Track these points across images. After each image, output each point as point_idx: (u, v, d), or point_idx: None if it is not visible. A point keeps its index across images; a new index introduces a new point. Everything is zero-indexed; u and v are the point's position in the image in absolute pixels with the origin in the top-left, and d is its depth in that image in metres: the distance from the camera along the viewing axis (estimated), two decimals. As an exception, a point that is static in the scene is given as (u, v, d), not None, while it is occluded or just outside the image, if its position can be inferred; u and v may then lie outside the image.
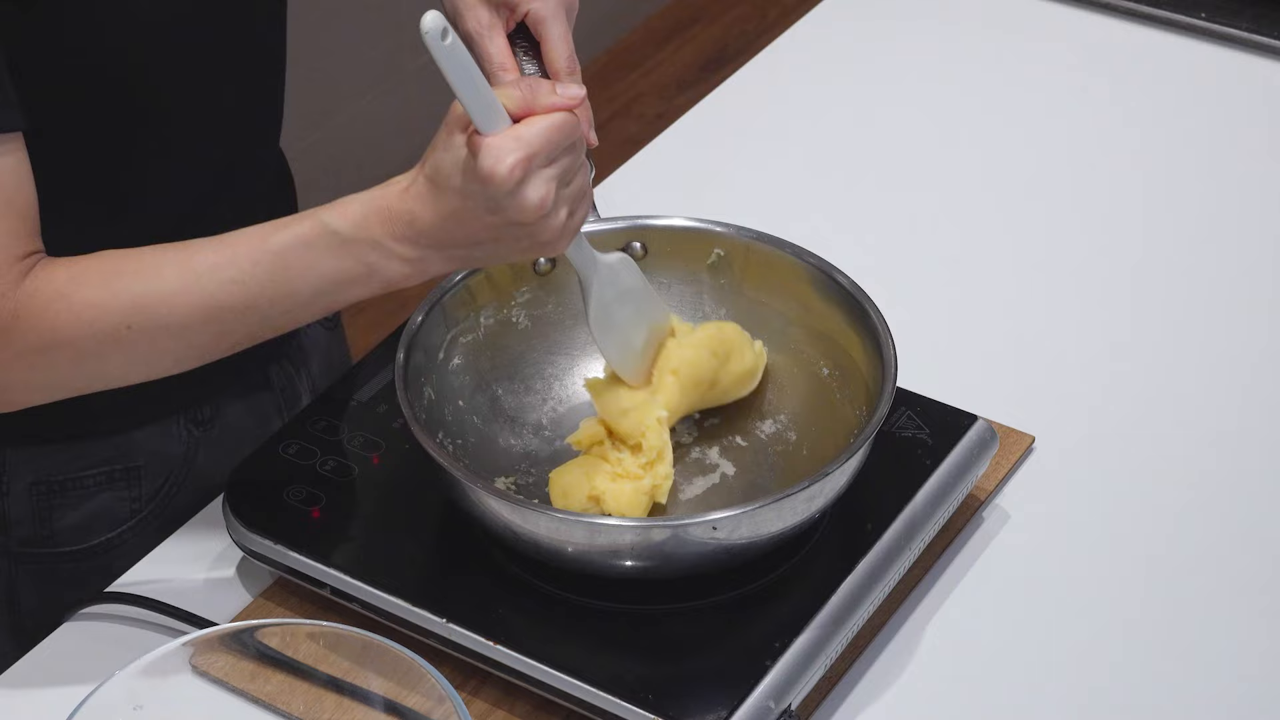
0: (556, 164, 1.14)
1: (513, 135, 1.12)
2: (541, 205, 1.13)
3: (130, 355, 1.19)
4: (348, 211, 1.16)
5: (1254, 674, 1.26)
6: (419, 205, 1.15)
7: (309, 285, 1.17)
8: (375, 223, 1.15)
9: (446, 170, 1.14)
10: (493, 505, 1.20)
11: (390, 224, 1.15)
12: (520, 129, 1.13)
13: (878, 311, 1.30)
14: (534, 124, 1.13)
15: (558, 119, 1.14)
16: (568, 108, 1.14)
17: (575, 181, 1.16)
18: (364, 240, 1.16)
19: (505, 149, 1.11)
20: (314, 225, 1.16)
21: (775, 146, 1.75)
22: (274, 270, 1.16)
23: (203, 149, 1.34)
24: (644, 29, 3.66)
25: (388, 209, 1.16)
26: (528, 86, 1.14)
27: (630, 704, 1.16)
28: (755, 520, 1.19)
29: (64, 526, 1.39)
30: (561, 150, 1.14)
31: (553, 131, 1.13)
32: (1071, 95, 1.80)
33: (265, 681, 1.19)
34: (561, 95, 1.14)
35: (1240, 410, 1.45)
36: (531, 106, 1.14)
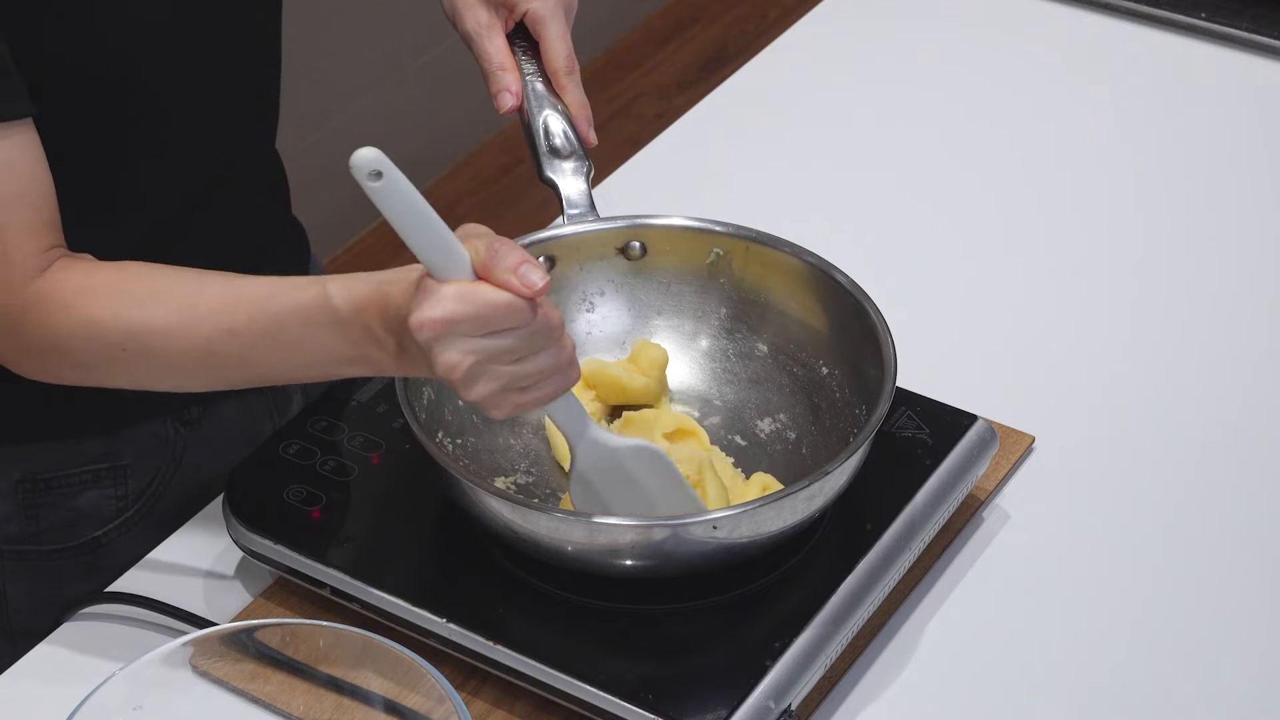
0: (487, 339, 1.08)
1: (451, 293, 1.07)
2: (451, 370, 1.08)
3: (129, 372, 1.20)
4: (352, 290, 1.13)
5: (1254, 674, 1.26)
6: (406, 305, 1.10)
7: (301, 355, 1.16)
8: (374, 311, 1.12)
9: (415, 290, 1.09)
10: (493, 505, 1.21)
11: (383, 316, 1.12)
12: (462, 289, 1.07)
13: (877, 311, 1.30)
14: (478, 293, 1.07)
15: (503, 299, 1.07)
16: (518, 292, 1.07)
17: (525, 363, 1.10)
18: (358, 325, 1.13)
19: (433, 303, 1.07)
20: (316, 297, 1.14)
21: (775, 146, 1.75)
22: (269, 333, 1.16)
23: (196, 148, 1.34)
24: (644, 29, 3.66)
25: (385, 299, 1.12)
26: (493, 251, 1.08)
27: (630, 704, 1.16)
28: (756, 519, 1.19)
29: (50, 524, 1.39)
30: (498, 329, 1.08)
31: (489, 308, 1.07)
32: (1071, 95, 1.80)
33: (265, 681, 1.19)
34: (519, 278, 1.07)
35: (1240, 410, 1.45)
36: (486, 273, 1.08)
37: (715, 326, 1.39)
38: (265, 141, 1.44)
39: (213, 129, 1.34)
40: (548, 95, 1.38)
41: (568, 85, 1.37)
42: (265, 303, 1.16)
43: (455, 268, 1.08)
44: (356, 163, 1.04)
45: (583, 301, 1.39)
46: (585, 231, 1.37)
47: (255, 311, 1.16)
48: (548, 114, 1.37)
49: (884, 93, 1.81)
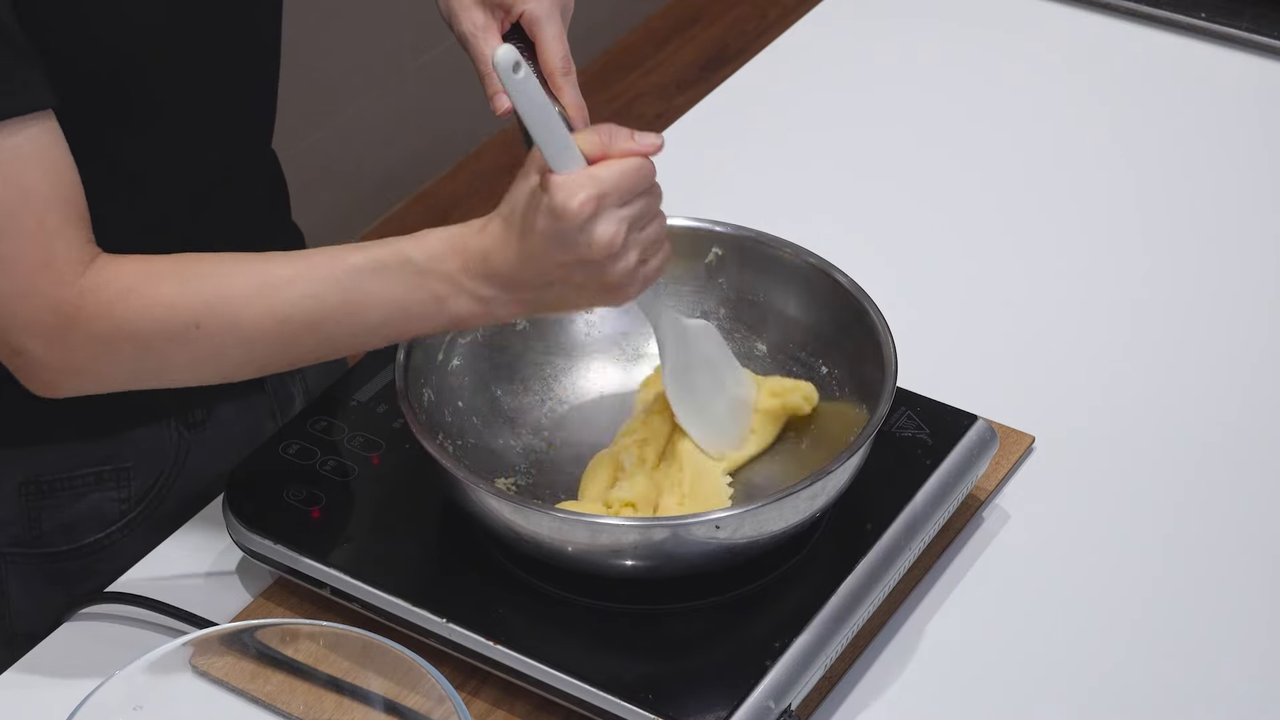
0: (629, 205, 1.15)
1: (586, 173, 1.14)
2: (611, 243, 1.14)
3: (194, 356, 1.20)
4: (426, 243, 1.18)
5: (1255, 673, 1.26)
6: (493, 244, 1.16)
7: (379, 310, 1.18)
8: (451, 257, 1.17)
9: (520, 209, 1.15)
10: (494, 505, 1.21)
11: (465, 260, 1.17)
12: (594, 169, 1.14)
13: (877, 310, 1.30)
14: (608, 165, 1.14)
15: (632, 163, 1.15)
16: (644, 153, 1.16)
17: (650, 228, 1.17)
18: (438, 273, 1.17)
19: (577, 184, 1.13)
20: (391, 252, 1.18)
21: (775, 146, 1.75)
22: (347, 289, 1.18)
23: (196, 148, 1.34)
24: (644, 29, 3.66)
25: (464, 245, 1.17)
26: (605, 132, 1.16)
27: (630, 704, 1.16)
28: (757, 519, 1.19)
29: (53, 526, 1.38)
30: (636, 195, 1.15)
31: (627, 173, 1.14)
32: (1071, 95, 1.80)
33: (265, 681, 1.19)
34: (639, 142, 1.16)
35: (1240, 410, 1.45)
36: (607, 150, 1.15)
37: (715, 326, 1.39)
38: (263, 143, 1.44)
39: (210, 129, 1.34)
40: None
41: (564, 86, 1.37)
42: (340, 262, 1.18)
43: (574, 159, 1.14)
44: (501, 58, 1.10)
45: (582, 301, 1.39)
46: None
47: (331, 271, 1.18)
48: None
49: (884, 93, 1.81)
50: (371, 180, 3.11)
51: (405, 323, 1.19)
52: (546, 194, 1.14)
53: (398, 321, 1.19)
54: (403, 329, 1.20)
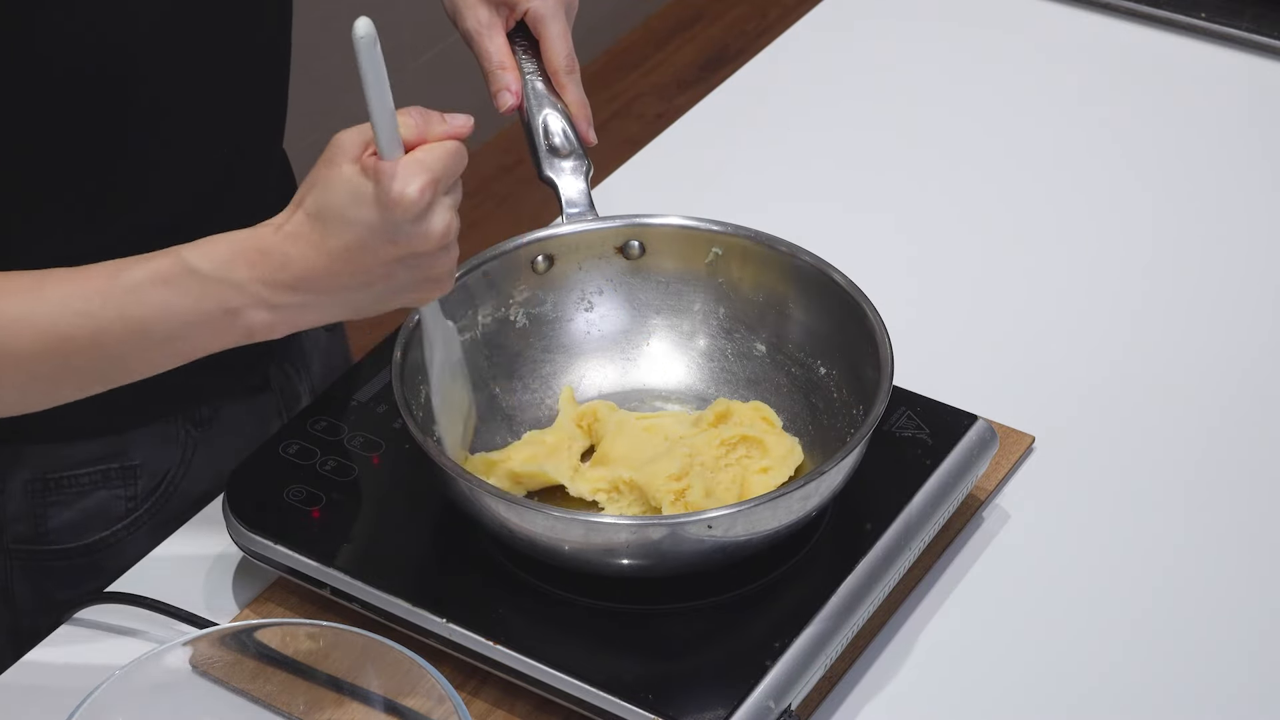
0: (453, 194, 1.10)
1: (415, 159, 1.08)
2: (445, 233, 1.09)
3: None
4: (213, 250, 1.09)
5: (1255, 673, 1.26)
6: (297, 246, 1.08)
7: (161, 327, 1.10)
8: (243, 264, 1.08)
9: (338, 203, 1.08)
10: (489, 504, 1.21)
11: (260, 266, 1.08)
12: (420, 154, 1.08)
13: (875, 311, 1.30)
14: (432, 150, 1.09)
15: (453, 146, 1.10)
16: (458, 135, 1.10)
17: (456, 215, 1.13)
18: (226, 282, 1.08)
19: (411, 172, 1.07)
20: (173, 262, 1.09)
21: (775, 146, 1.75)
22: (124, 306, 1.09)
23: (203, 149, 1.34)
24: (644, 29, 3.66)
25: (259, 249, 1.08)
26: (419, 115, 1.10)
27: (630, 704, 1.16)
28: (751, 519, 1.19)
29: (59, 524, 1.38)
30: (455, 178, 1.11)
31: (450, 158, 1.09)
32: (1071, 95, 1.80)
33: (265, 681, 1.19)
34: (451, 125, 1.10)
35: (1241, 410, 1.45)
36: (424, 135, 1.10)
37: (714, 326, 1.39)
38: (273, 142, 1.44)
39: (219, 128, 1.34)
40: (547, 94, 1.38)
41: (568, 84, 1.37)
42: (116, 276, 1.10)
43: (397, 146, 1.08)
44: (363, 30, 1.07)
45: (581, 300, 1.39)
46: (584, 231, 1.37)
47: (107, 287, 1.09)
48: (547, 113, 1.37)
49: (884, 93, 1.81)
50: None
51: (193, 338, 1.11)
52: (376, 182, 1.07)
53: (185, 336, 1.10)
54: (191, 345, 1.11)
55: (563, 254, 1.37)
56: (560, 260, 1.37)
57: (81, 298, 1.10)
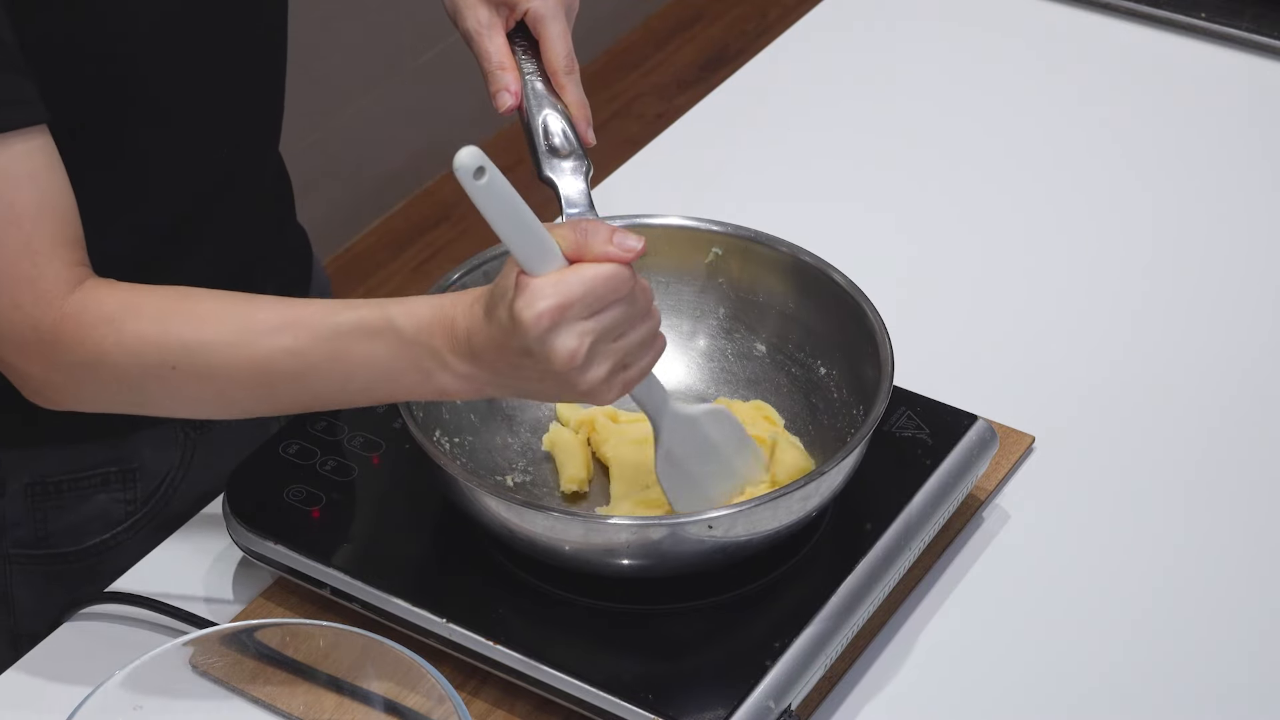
0: (597, 317, 1.09)
1: (552, 281, 1.08)
2: (571, 358, 1.08)
3: (172, 394, 1.17)
4: (415, 312, 1.14)
5: (1256, 674, 1.26)
6: (475, 327, 1.12)
7: (363, 374, 1.15)
8: (438, 332, 1.13)
9: (495, 300, 1.10)
10: (489, 504, 1.21)
11: (450, 337, 1.13)
12: (564, 274, 1.08)
13: (875, 311, 1.30)
14: (579, 272, 1.08)
15: (605, 270, 1.09)
16: (620, 260, 1.09)
17: (629, 336, 1.12)
18: (424, 346, 1.13)
19: (540, 294, 1.07)
20: (380, 317, 1.14)
21: (775, 146, 1.75)
22: (332, 348, 1.14)
23: (201, 149, 1.34)
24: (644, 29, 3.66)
25: (451, 321, 1.13)
26: (583, 230, 1.09)
27: (630, 704, 1.16)
28: (751, 519, 1.19)
29: (59, 528, 1.38)
30: (606, 304, 1.09)
31: (597, 283, 1.09)
32: (1071, 95, 1.80)
33: (265, 681, 1.19)
34: (617, 245, 1.09)
35: (1241, 410, 1.45)
36: (582, 253, 1.09)
37: (714, 326, 1.39)
38: (270, 143, 1.44)
39: (217, 130, 1.34)
40: (547, 94, 1.38)
41: (567, 85, 1.37)
42: (326, 319, 1.15)
43: (550, 259, 1.09)
44: (462, 162, 1.05)
45: (582, 301, 1.39)
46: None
47: (316, 327, 1.15)
48: (547, 113, 1.37)
49: (884, 93, 1.81)
50: (371, 180, 3.11)
51: (390, 388, 1.16)
52: (512, 294, 1.08)
53: (382, 386, 1.16)
54: (388, 393, 1.16)
55: (562, 254, 1.37)
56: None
57: (292, 334, 1.15)
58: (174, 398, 1.18)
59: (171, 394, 1.18)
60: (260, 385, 1.16)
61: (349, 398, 1.18)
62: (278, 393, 1.17)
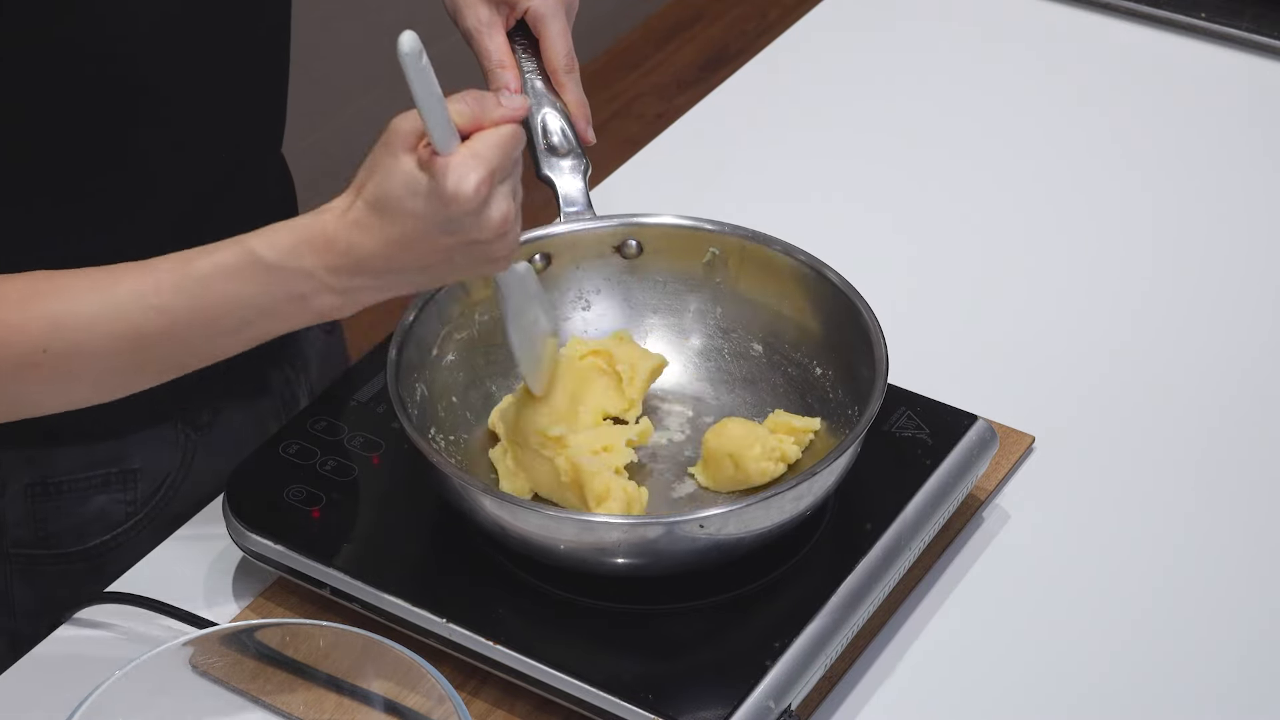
0: (510, 178, 1.11)
1: (470, 152, 1.09)
2: (504, 221, 1.11)
3: (47, 381, 1.14)
4: (277, 240, 1.12)
5: (1255, 673, 1.26)
6: (358, 233, 1.10)
7: (233, 315, 1.12)
8: (307, 251, 1.11)
9: (396, 194, 1.09)
10: (483, 502, 1.21)
11: (325, 253, 1.10)
12: (476, 145, 1.09)
13: (870, 310, 1.30)
14: (487, 139, 1.10)
15: (507, 131, 1.11)
16: (514, 119, 1.11)
17: (518, 193, 1.14)
18: (293, 269, 1.11)
19: (466, 167, 1.08)
20: (240, 252, 1.11)
21: (775, 146, 1.75)
22: (196, 297, 1.11)
23: (203, 150, 1.34)
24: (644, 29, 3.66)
25: (323, 237, 1.11)
26: (474, 100, 1.11)
27: (630, 704, 1.16)
28: (743, 518, 1.19)
29: (59, 529, 1.38)
30: (512, 163, 1.11)
31: (506, 145, 1.10)
32: (1071, 95, 1.80)
33: (265, 681, 1.19)
34: (507, 106, 1.11)
35: (1241, 410, 1.45)
36: (480, 121, 1.11)
37: (710, 326, 1.39)
38: (273, 143, 1.43)
39: (219, 132, 1.34)
40: (546, 93, 1.38)
41: (567, 84, 1.37)
42: (185, 269, 1.12)
43: (455, 138, 1.10)
44: (408, 48, 1.10)
45: (579, 299, 1.39)
46: (582, 230, 1.37)
47: (178, 280, 1.12)
48: (546, 112, 1.37)
49: (884, 93, 1.81)
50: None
51: (265, 324, 1.13)
52: (432, 178, 1.08)
53: (257, 322, 1.13)
54: (265, 330, 1.14)
55: (560, 253, 1.37)
56: (558, 259, 1.37)
57: (154, 292, 1.12)
58: (48, 387, 1.15)
59: (45, 383, 1.14)
60: (132, 350, 1.13)
61: (224, 345, 1.15)
62: (151, 356, 1.14)
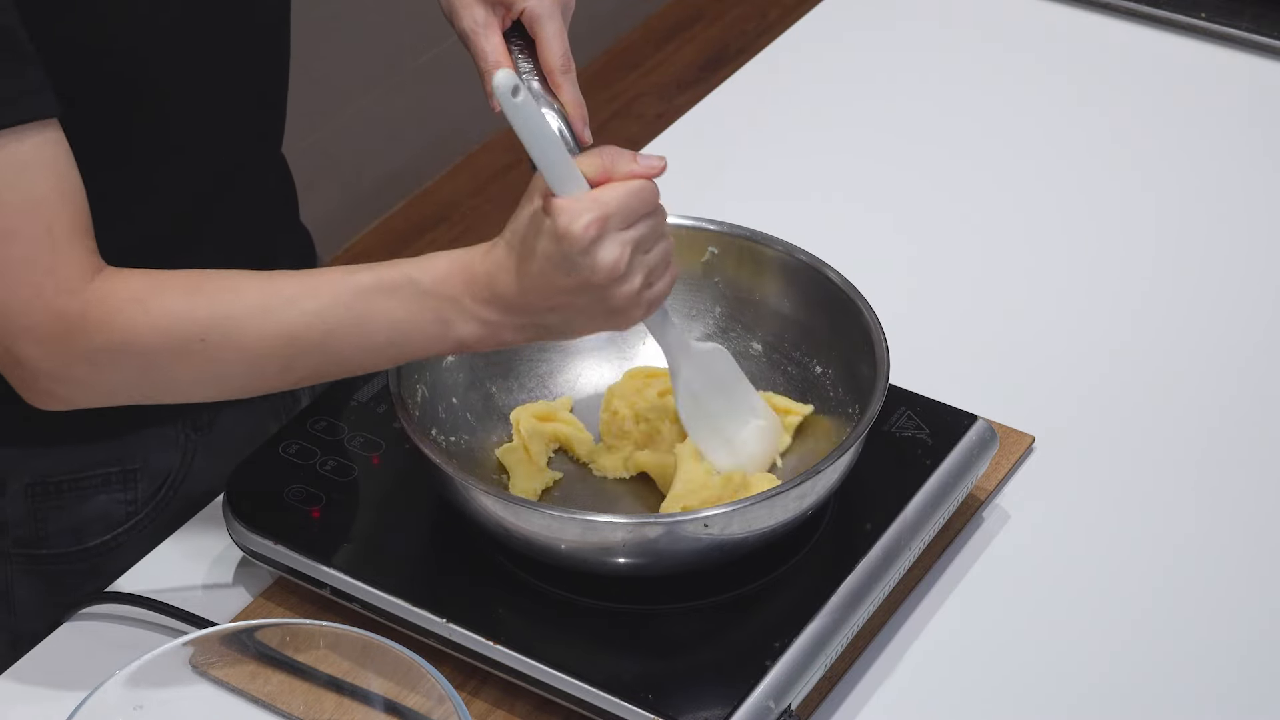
0: (633, 228, 1.14)
1: (589, 196, 1.13)
2: (615, 266, 1.13)
3: (197, 371, 1.18)
4: (431, 266, 1.17)
5: (1256, 673, 1.26)
6: (497, 269, 1.15)
7: (384, 330, 1.17)
8: (457, 281, 1.16)
9: (523, 233, 1.15)
10: (485, 503, 1.21)
11: (470, 285, 1.16)
12: (598, 191, 1.14)
13: (870, 309, 1.30)
14: (612, 188, 1.14)
15: (636, 184, 1.15)
16: (646, 176, 1.15)
17: (655, 251, 1.16)
18: (443, 296, 1.16)
19: (581, 208, 1.12)
20: (398, 274, 1.17)
21: (775, 146, 1.75)
22: (353, 309, 1.17)
23: (204, 149, 1.34)
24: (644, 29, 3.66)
25: (469, 269, 1.16)
26: (608, 155, 1.16)
27: (630, 704, 1.16)
28: (746, 517, 1.19)
29: (60, 528, 1.38)
30: (639, 217, 1.15)
31: (630, 196, 1.14)
32: (1071, 95, 1.80)
33: (265, 681, 1.19)
34: (641, 165, 1.16)
35: (1241, 409, 1.45)
36: (610, 173, 1.15)
37: (710, 325, 1.39)
38: (273, 142, 1.44)
39: (221, 129, 1.34)
40: (544, 94, 1.38)
41: (564, 84, 1.37)
42: (345, 280, 1.17)
43: (577, 183, 1.14)
44: (500, 82, 1.10)
45: (579, 300, 1.39)
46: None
47: (337, 290, 1.17)
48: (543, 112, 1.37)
49: (883, 93, 1.81)
50: (371, 180, 3.11)
51: (410, 344, 1.18)
52: (549, 218, 1.13)
53: (403, 342, 1.18)
54: (408, 350, 1.19)
55: (561, 253, 1.37)
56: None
57: (313, 298, 1.17)
58: (200, 376, 1.19)
59: (198, 372, 1.18)
60: (285, 352, 1.18)
61: (370, 358, 1.20)
62: (301, 360, 1.19)
